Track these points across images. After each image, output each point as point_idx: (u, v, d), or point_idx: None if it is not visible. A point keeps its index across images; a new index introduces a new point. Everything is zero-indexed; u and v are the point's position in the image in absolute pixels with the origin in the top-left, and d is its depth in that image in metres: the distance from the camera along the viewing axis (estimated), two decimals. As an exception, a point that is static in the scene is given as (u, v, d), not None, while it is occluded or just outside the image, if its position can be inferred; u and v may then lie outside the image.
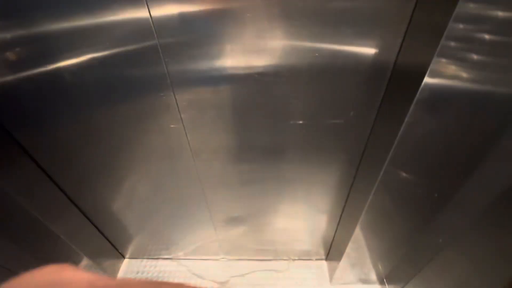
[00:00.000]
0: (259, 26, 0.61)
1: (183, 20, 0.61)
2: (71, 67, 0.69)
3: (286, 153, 0.90)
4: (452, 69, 0.56)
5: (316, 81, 0.70)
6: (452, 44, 0.52)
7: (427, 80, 0.54)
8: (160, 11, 0.60)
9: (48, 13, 0.60)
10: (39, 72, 0.70)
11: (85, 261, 1.18)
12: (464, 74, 0.57)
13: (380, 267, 1.18)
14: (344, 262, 1.15)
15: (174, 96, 0.74)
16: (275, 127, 0.81)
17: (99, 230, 1.23)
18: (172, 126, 0.81)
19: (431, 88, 0.56)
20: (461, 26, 0.50)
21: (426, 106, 0.59)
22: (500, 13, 0.50)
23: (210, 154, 0.90)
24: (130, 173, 0.99)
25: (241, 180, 1.00)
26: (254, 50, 0.65)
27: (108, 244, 1.32)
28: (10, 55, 0.67)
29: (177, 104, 0.76)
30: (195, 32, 0.63)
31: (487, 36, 0.53)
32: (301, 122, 0.80)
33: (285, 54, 0.65)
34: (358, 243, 1.04)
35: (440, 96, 0.58)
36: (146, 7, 0.59)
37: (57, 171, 0.96)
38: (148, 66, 0.68)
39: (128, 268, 1.41)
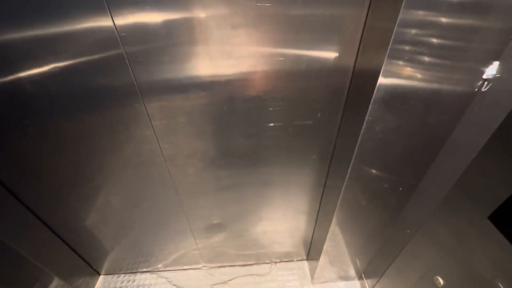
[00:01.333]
0: (225, 33, 0.63)
1: (149, 28, 0.61)
2: (33, 76, 0.67)
3: (261, 156, 0.91)
4: (404, 70, 0.61)
5: (283, 85, 0.73)
6: (403, 47, 0.57)
7: (381, 80, 0.59)
8: (124, 20, 0.60)
9: (7, 22, 0.59)
10: (-3, 82, 0.67)
11: (56, 282, 1.11)
12: (416, 74, 0.62)
13: (358, 262, 1.23)
14: (323, 260, 1.17)
15: (144, 104, 0.74)
16: (248, 130, 0.83)
17: (70, 247, 1.17)
18: (143, 133, 0.80)
19: (386, 88, 0.61)
20: (408, 31, 0.55)
21: (383, 104, 0.63)
22: (444, 19, 0.56)
23: (184, 160, 0.89)
24: (102, 185, 0.96)
25: (218, 185, 1.00)
26: (220, 57, 0.67)
27: (81, 262, 1.25)
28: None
29: (147, 112, 0.75)
30: (161, 40, 0.63)
31: (434, 40, 0.59)
32: (272, 124, 0.82)
33: (251, 60, 0.68)
34: (335, 240, 1.07)
35: (395, 95, 0.62)
36: (109, 15, 0.59)
37: (20, 186, 0.90)
38: (115, 75, 0.68)
39: (103, 285, 1.34)
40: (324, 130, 0.84)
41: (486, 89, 0.60)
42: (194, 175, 0.94)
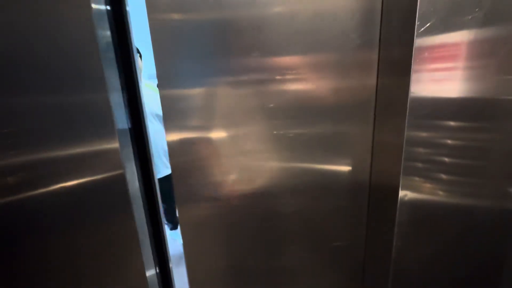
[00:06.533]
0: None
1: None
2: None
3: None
4: (427, 187, 0.58)
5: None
6: (418, 165, 0.56)
7: (402, 198, 0.55)
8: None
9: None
10: None
11: None
12: (440, 192, 0.58)
13: None
14: None
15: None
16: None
17: None
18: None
19: (409, 206, 0.56)
20: (419, 150, 0.56)
21: (410, 226, 0.56)
22: (449, 141, 0.58)
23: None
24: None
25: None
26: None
27: None
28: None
29: (152, 230, 0.71)
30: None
31: (446, 159, 0.58)
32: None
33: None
34: None
35: (422, 214, 0.56)
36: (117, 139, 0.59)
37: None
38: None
39: None
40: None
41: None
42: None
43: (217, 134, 0.66)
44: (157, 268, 0.69)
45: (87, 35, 0.48)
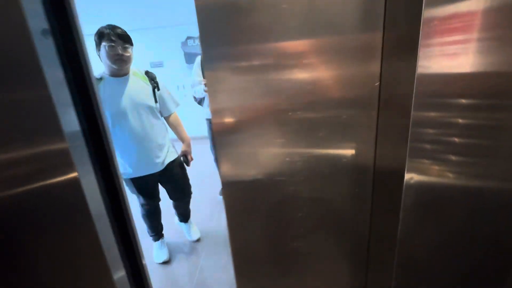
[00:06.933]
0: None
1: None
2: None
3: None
4: (435, 169, 0.55)
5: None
6: (425, 146, 0.53)
7: (408, 181, 0.52)
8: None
9: None
10: None
11: None
12: (449, 174, 0.55)
13: None
14: None
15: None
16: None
17: None
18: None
19: (415, 190, 0.53)
20: (426, 130, 0.53)
21: (416, 210, 0.54)
22: (460, 120, 0.54)
23: None
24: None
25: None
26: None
27: None
28: None
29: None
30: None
31: (456, 139, 0.55)
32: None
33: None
34: None
35: (429, 198, 0.54)
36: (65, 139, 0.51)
37: None
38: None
39: None
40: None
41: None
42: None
43: (256, 117, 0.65)
44: (128, 268, 0.67)
45: (15, 23, 0.41)
